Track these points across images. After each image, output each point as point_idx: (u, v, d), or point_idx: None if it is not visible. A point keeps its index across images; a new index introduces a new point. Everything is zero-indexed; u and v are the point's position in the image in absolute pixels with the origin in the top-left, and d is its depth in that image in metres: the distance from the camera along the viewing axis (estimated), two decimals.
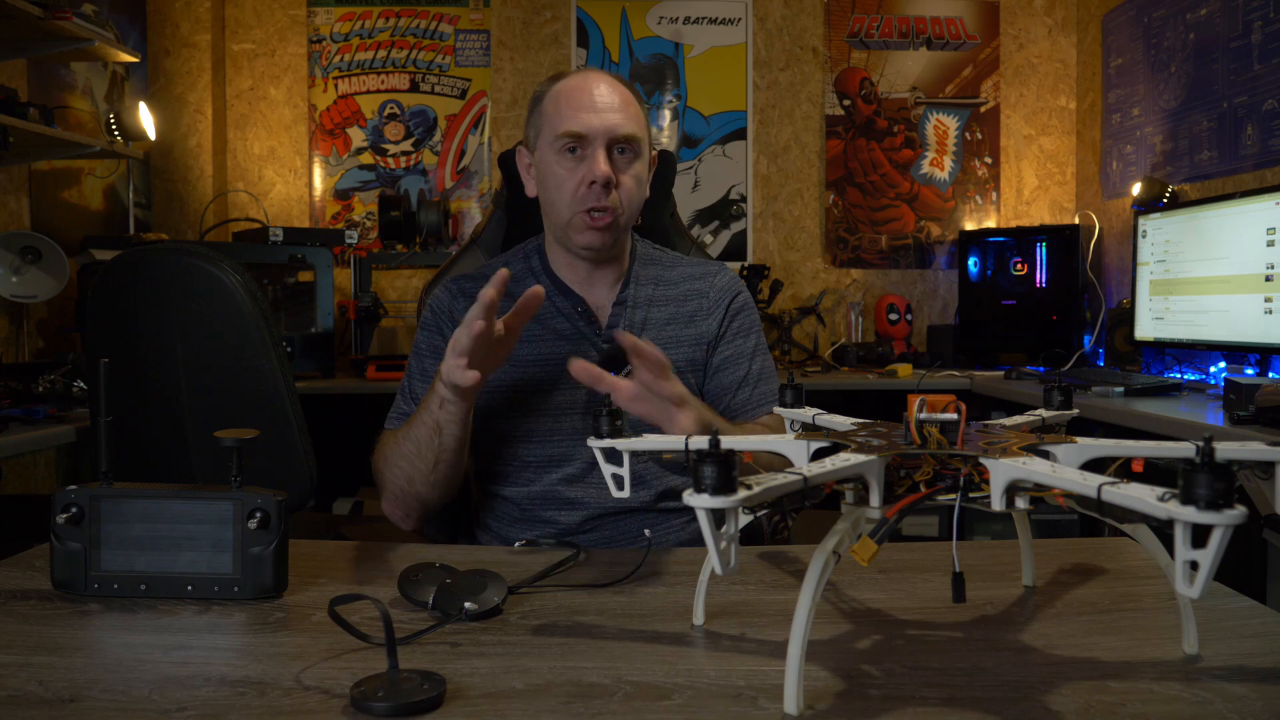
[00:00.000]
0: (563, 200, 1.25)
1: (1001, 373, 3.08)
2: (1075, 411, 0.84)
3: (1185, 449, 0.67)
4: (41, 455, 2.69)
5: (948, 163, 3.69)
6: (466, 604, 0.81)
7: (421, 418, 1.15)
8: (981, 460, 0.63)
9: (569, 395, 1.26)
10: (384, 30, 3.62)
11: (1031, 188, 3.71)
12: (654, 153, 1.37)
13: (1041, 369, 3.07)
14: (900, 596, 0.88)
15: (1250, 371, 2.43)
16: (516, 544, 1.10)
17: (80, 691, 0.67)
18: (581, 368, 1.01)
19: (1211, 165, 2.80)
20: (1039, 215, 3.69)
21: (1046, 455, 0.68)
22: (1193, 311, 2.54)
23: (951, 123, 3.69)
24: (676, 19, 3.64)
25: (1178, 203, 2.79)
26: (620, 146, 1.25)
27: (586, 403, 1.26)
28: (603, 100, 1.24)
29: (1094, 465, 0.67)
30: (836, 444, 0.70)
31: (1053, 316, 3.28)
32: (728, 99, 3.66)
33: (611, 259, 1.32)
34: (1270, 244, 2.23)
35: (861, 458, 0.63)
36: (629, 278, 1.35)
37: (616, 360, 1.21)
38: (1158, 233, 2.70)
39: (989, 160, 3.70)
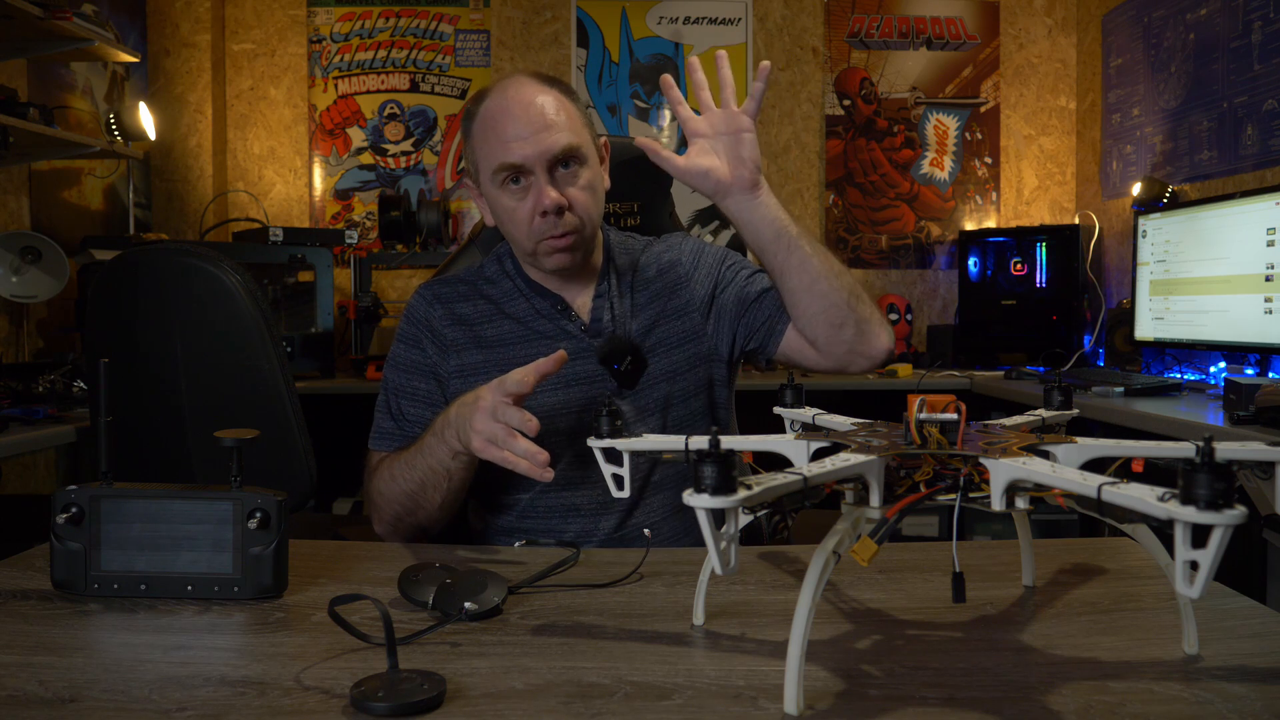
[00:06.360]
0: (520, 233, 1.21)
1: (1001, 373, 3.08)
2: (1075, 411, 0.84)
3: (1185, 449, 0.67)
4: (41, 455, 2.69)
5: (948, 163, 3.69)
6: (466, 604, 0.81)
7: (426, 461, 1.11)
8: (981, 460, 0.63)
9: (560, 397, 1.22)
10: (384, 30, 3.61)
11: (1031, 188, 3.71)
12: (603, 139, 1.29)
13: (1041, 369, 3.07)
14: (900, 596, 0.88)
15: (1250, 371, 2.43)
16: (516, 544, 1.09)
17: (80, 691, 0.67)
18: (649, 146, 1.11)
19: (1211, 165, 2.80)
20: (1039, 215, 3.69)
21: (1046, 455, 0.68)
22: (1193, 311, 2.54)
23: (951, 123, 3.69)
24: (676, 19, 3.64)
25: (1178, 203, 2.79)
26: (563, 162, 1.18)
27: (581, 404, 1.23)
28: (530, 120, 1.16)
29: (1094, 465, 0.67)
30: (836, 444, 0.70)
31: (1053, 316, 3.27)
32: None
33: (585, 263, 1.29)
34: (1270, 244, 2.23)
35: (861, 458, 0.63)
36: (606, 270, 1.31)
37: (614, 355, 1.20)
38: (1158, 233, 2.70)
39: (989, 160, 3.70)
